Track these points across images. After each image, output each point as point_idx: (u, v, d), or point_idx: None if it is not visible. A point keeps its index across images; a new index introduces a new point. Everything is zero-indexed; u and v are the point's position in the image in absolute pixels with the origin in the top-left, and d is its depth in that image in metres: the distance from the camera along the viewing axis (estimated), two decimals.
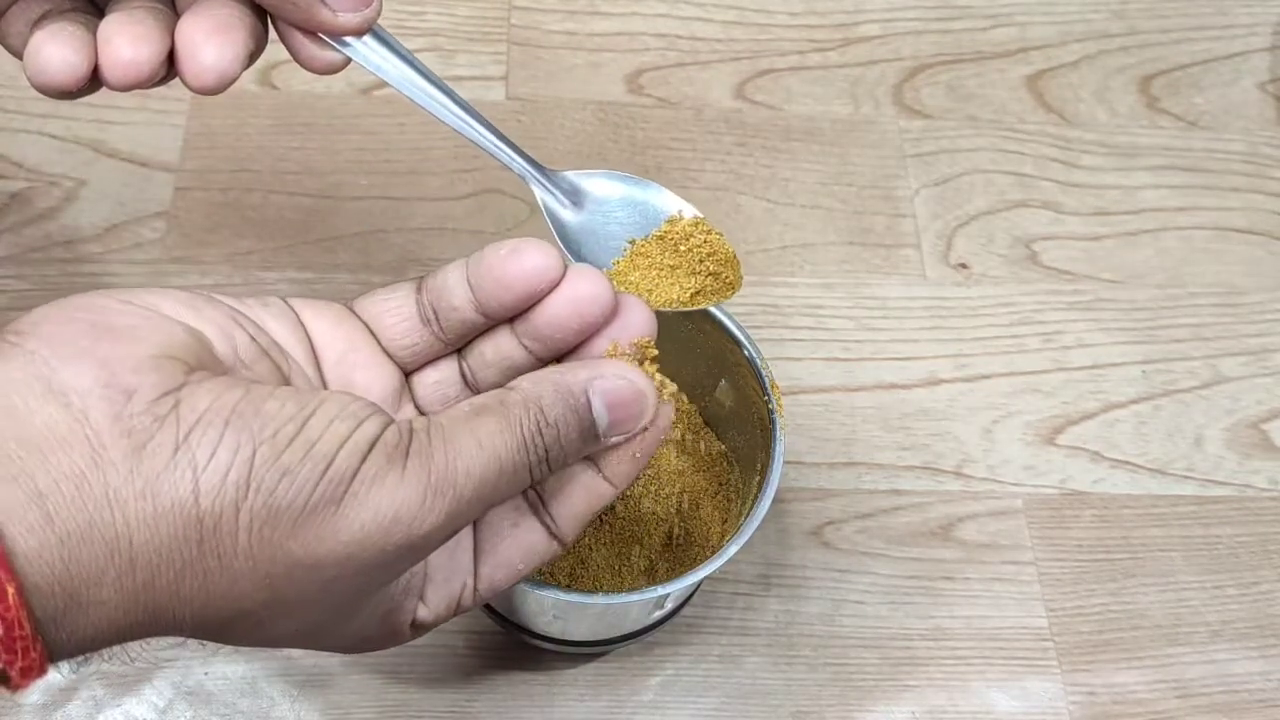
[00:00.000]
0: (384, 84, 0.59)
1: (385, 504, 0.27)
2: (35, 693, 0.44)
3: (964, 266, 0.57)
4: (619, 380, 0.30)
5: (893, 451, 0.52)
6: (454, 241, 0.55)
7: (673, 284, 0.35)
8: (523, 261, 0.31)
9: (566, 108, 0.60)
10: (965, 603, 0.49)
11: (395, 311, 0.33)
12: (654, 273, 0.35)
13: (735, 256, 0.36)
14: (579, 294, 0.31)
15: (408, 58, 0.35)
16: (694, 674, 0.47)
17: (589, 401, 0.30)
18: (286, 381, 0.31)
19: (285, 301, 0.32)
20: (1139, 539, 0.51)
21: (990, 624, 0.48)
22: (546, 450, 0.29)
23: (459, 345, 0.34)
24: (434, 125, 0.58)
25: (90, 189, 0.55)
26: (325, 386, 0.32)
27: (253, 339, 0.30)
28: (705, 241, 0.36)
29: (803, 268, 0.57)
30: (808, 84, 0.62)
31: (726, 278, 0.36)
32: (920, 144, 0.61)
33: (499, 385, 0.33)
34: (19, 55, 0.33)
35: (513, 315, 0.32)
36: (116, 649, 0.26)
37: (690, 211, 0.37)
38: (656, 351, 0.33)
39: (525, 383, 0.30)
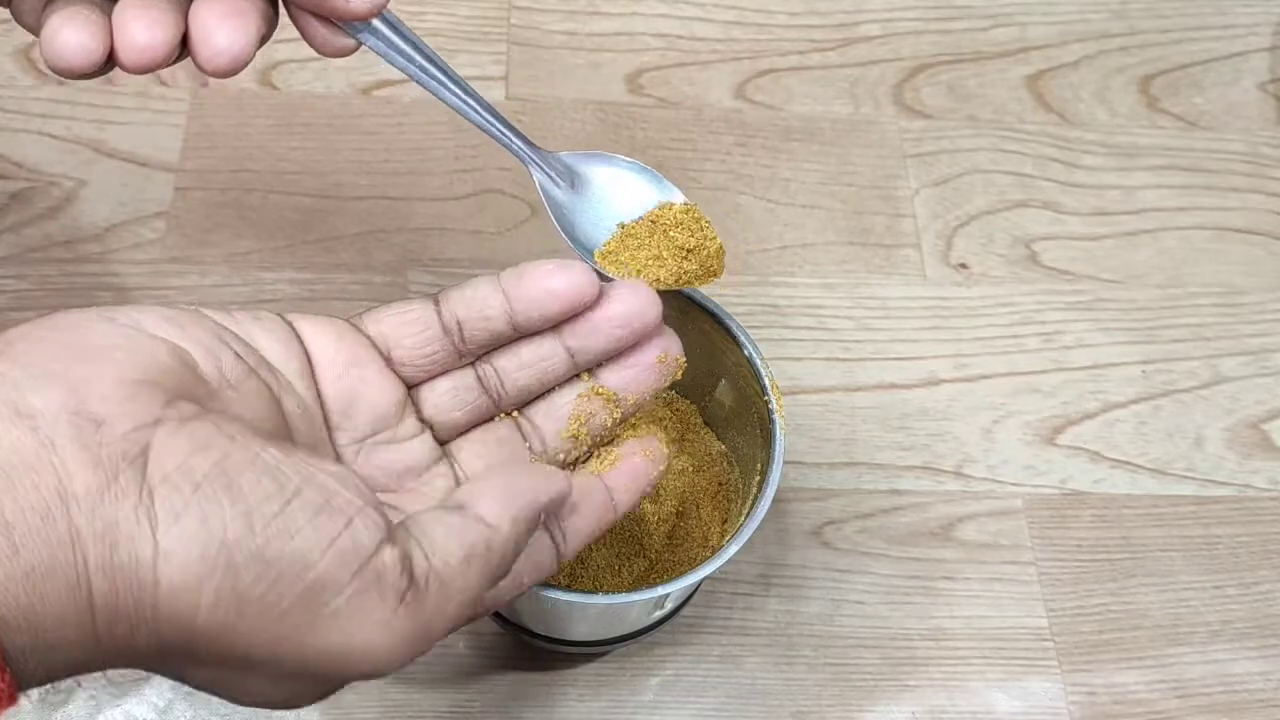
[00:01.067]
0: (384, 84, 0.59)
1: (360, 638, 0.26)
2: (35, 692, 0.44)
3: (964, 266, 0.57)
4: (558, 489, 0.32)
5: (893, 451, 0.52)
6: (454, 241, 0.55)
7: (660, 266, 0.37)
8: (571, 277, 0.34)
9: (566, 108, 0.60)
10: (965, 603, 0.49)
11: (416, 322, 0.34)
12: (642, 254, 0.37)
13: (721, 246, 0.38)
14: (634, 308, 0.35)
15: (416, 42, 0.35)
16: (694, 674, 0.47)
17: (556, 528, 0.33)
18: (276, 400, 0.30)
19: (282, 317, 0.32)
20: (1139, 539, 0.51)
21: (990, 624, 0.48)
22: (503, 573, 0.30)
23: (475, 356, 0.35)
24: (434, 125, 0.59)
25: (90, 189, 0.55)
26: (322, 402, 0.32)
27: (239, 357, 0.30)
28: (696, 229, 0.37)
29: (803, 268, 0.57)
30: (808, 84, 0.62)
31: (710, 265, 0.38)
32: (920, 144, 0.61)
33: (530, 389, 0.35)
34: (34, 32, 0.33)
35: (547, 327, 0.35)
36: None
37: (681, 199, 0.38)
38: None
39: (505, 524, 0.29)
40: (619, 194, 0.38)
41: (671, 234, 0.37)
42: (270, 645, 0.25)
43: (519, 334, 0.34)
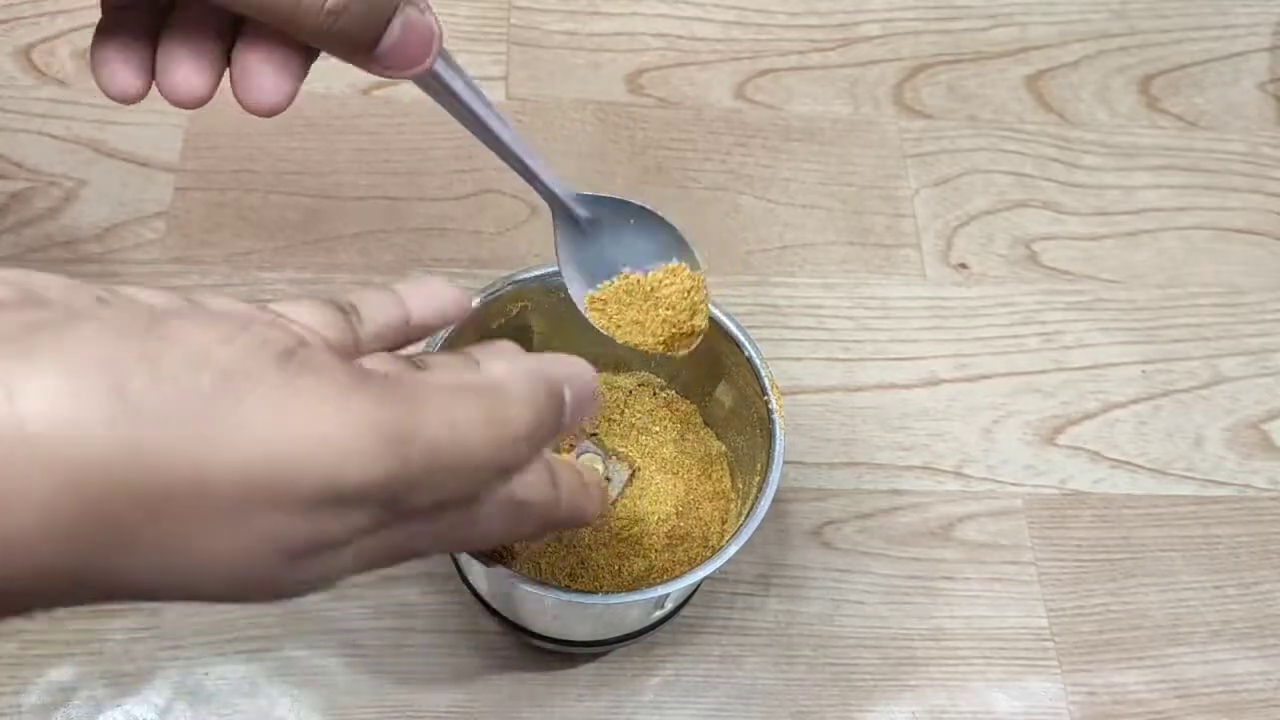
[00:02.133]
0: (384, 84, 0.59)
1: (307, 417, 0.21)
2: (35, 693, 0.44)
3: (964, 266, 0.57)
4: (585, 378, 0.29)
5: (893, 451, 0.52)
6: (454, 241, 0.55)
7: (640, 333, 0.38)
8: (456, 290, 0.31)
9: (566, 108, 0.60)
10: (965, 603, 0.49)
11: (306, 300, 0.29)
12: (628, 314, 0.38)
13: (710, 324, 0.39)
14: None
15: (469, 82, 0.34)
16: (694, 674, 0.47)
17: (565, 398, 0.29)
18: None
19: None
20: (1139, 539, 0.51)
21: (990, 624, 0.48)
22: (516, 458, 0.26)
23: (371, 350, 0.31)
24: (434, 125, 0.59)
25: (90, 189, 0.55)
26: None
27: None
28: (689, 313, 0.38)
29: (803, 268, 0.57)
30: (808, 84, 0.62)
31: (688, 341, 0.38)
32: (920, 144, 0.61)
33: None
34: None
35: (437, 322, 0.30)
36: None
37: (694, 266, 0.38)
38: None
39: (520, 379, 0.27)
40: (629, 239, 0.38)
41: (662, 311, 0.38)
42: (195, 460, 0.20)
43: (412, 330, 0.30)
